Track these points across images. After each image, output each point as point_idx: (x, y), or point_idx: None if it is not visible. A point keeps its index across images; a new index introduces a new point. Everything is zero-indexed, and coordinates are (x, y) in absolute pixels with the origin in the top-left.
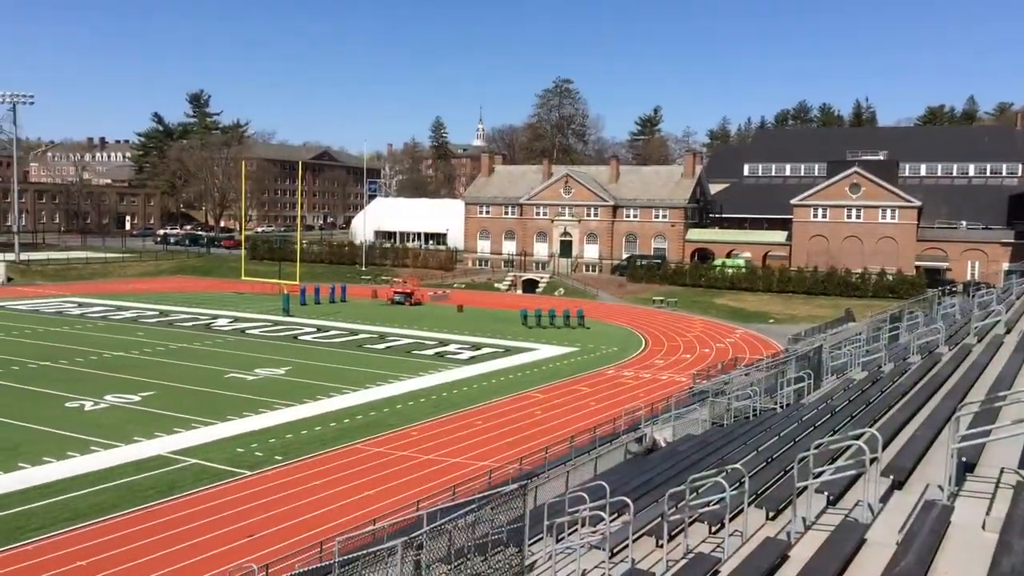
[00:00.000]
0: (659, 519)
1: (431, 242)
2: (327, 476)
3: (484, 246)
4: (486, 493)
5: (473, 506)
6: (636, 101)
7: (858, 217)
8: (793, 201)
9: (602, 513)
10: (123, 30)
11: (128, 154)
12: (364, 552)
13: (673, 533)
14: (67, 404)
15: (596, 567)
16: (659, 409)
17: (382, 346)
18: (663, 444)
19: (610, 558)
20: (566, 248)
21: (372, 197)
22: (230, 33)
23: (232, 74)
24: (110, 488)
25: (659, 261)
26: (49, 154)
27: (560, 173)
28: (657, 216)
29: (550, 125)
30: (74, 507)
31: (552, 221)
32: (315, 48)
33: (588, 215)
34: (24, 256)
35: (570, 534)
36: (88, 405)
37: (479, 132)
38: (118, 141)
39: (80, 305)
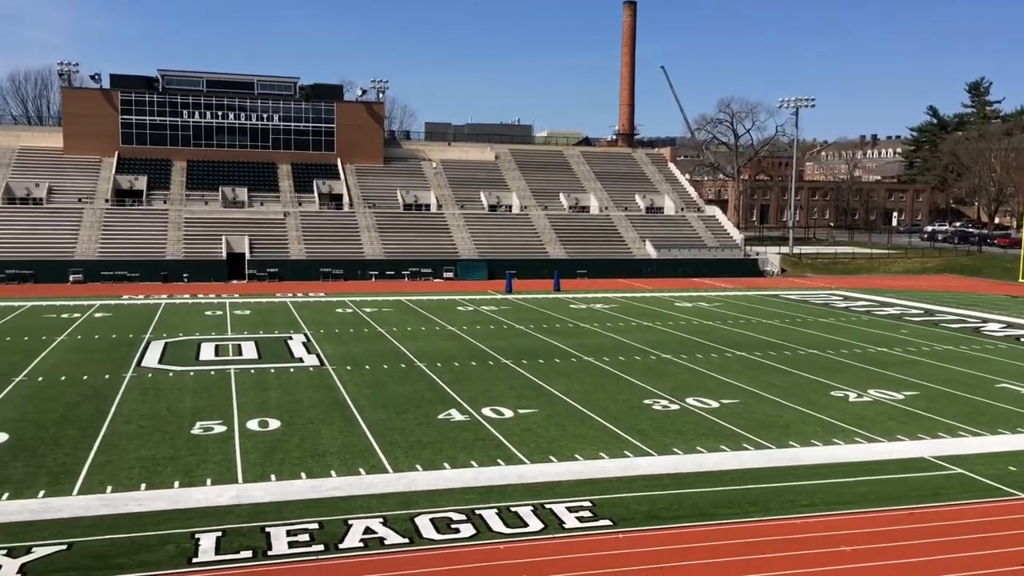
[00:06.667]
0: None
1: None
2: None
3: None
4: None
5: None
6: None
7: None
8: None
9: None
10: (902, 27)
11: (899, 150)
12: None
13: None
14: (832, 392)
15: None
16: None
17: None
18: None
19: None
20: None
21: None
22: (1010, 15)
23: (1016, 57)
24: (871, 481)
25: None
26: (823, 153)
27: None
28: None
29: None
30: (838, 492)
31: None
32: None
33: None
34: (796, 249)
35: None
36: (852, 396)
37: None
38: (889, 137)
39: (845, 298)
